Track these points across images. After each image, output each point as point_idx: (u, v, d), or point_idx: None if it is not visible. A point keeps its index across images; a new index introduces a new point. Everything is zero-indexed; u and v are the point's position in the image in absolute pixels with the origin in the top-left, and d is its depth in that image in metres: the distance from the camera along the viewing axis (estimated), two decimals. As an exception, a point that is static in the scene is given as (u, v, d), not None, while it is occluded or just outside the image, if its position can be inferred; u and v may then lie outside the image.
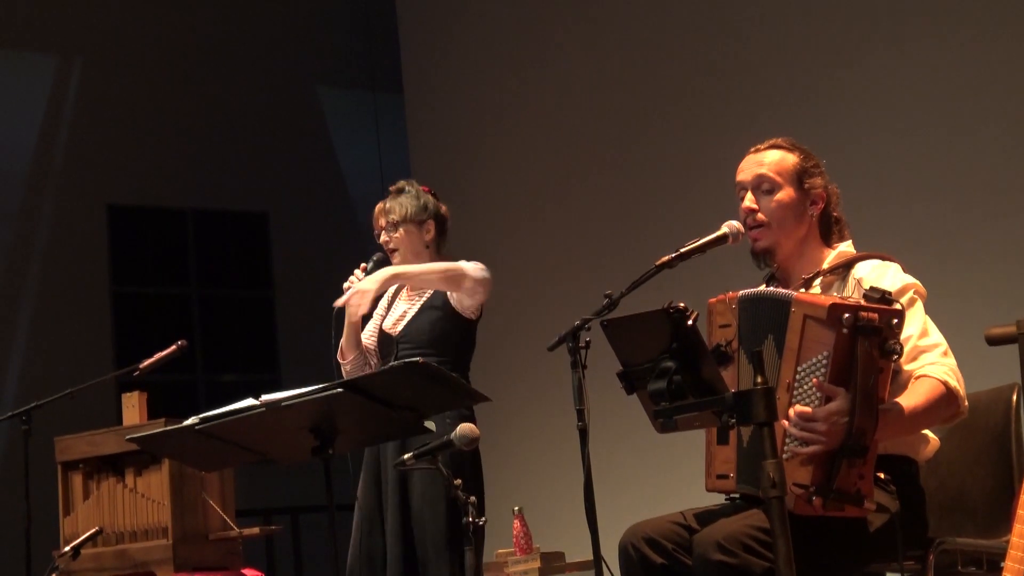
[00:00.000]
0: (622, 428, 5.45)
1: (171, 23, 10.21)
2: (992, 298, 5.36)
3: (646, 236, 6.75)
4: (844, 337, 2.70)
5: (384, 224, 4.29)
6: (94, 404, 7.29)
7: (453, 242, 4.51)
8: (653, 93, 7.06)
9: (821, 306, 2.74)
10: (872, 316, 2.71)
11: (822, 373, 2.73)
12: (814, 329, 2.74)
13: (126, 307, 9.94)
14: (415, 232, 4.27)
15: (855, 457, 2.71)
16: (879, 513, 2.85)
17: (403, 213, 4.26)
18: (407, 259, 4.25)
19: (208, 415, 3.65)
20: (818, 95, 6.17)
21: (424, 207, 4.29)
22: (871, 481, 2.76)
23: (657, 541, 2.95)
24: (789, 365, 2.77)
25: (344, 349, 4.32)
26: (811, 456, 2.71)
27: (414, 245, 4.26)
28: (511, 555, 5.18)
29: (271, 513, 9.16)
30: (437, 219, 4.31)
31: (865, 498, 2.74)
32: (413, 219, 4.26)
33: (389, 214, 4.27)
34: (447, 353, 4.13)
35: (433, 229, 4.29)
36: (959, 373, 2.87)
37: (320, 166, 10.73)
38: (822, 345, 2.73)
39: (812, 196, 3.07)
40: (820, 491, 2.71)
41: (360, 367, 4.33)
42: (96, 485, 5.09)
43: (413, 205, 4.27)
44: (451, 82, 8.46)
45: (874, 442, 2.74)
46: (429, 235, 4.28)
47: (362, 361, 4.34)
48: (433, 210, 4.31)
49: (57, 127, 9.76)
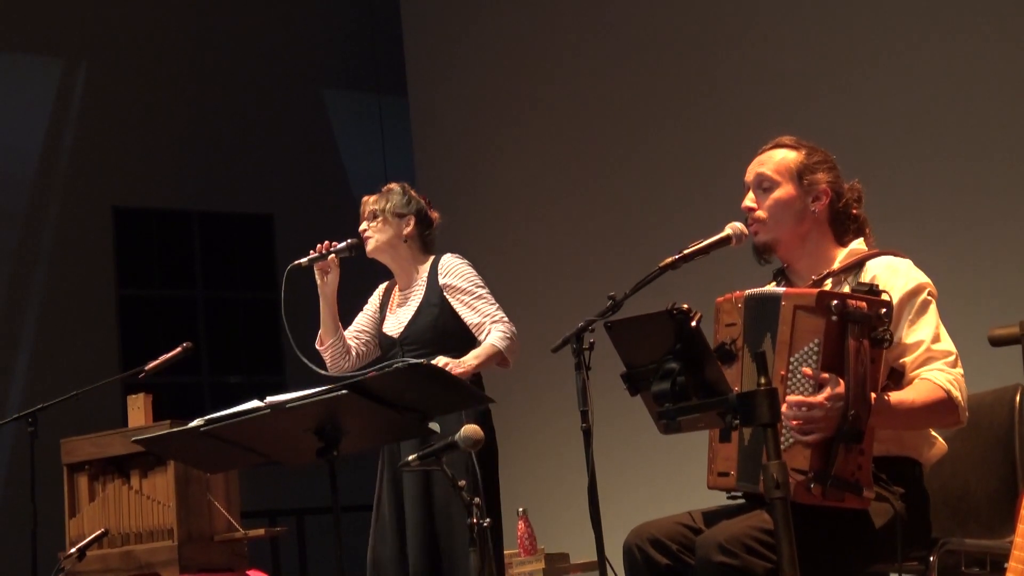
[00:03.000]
0: (626, 429, 5.46)
1: (176, 26, 10.22)
2: (996, 299, 5.36)
3: (650, 238, 6.76)
4: (834, 324, 2.72)
5: (365, 213, 4.37)
6: (100, 406, 7.30)
7: (457, 243, 4.53)
8: (658, 96, 7.07)
9: (809, 295, 2.78)
10: (860, 304, 2.74)
11: (814, 361, 2.75)
12: (804, 319, 2.77)
13: (132, 309, 9.95)
14: (394, 223, 4.33)
15: (851, 442, 2.72)
16: (881, 512, 2.86)
17: (384, 204, 4.34)
18: (381, 248, 4.33)
19: (213, 417, 3.66)
20: (825, 96, 6.17)
21: (407, 202, 4.36)
22: (869, 472, 2.77)
23: (662, 542, 2.95)
24: (782, 357, 2.78)
25: (322, 335, 4.37)
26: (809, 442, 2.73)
27: (390, 236, 4.33)
28: (515, 556, 5.19)
29: (276, 515, 9.15)
30: (419, 216, 4.36)
31: (864, 488, 2.75)
32: (393, 211, 4.33)
33: (372, 204, 4.36)
34: (452, 348, 4.16)
35: (413, 225, 4.34)
36: (963, 384, 2.88)
37: (325, 169, 10.74)
38: (812, 333, 2.75)
39: (814, 193, 3.07)
40: (819, 478, 2.72)
41: (340, 354, 4.37)
42: (102, 487, 5.10)
43: (397, 199, 4.35)
44: (455, 85, 8.47)
45: (870, 429, 2.76)
46: (408, 229, 4.34)
47: (342, 348, 4.38)
48: (416, 207, 4.36)
49: (63, 130, 9.78)
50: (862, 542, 2.87)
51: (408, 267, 4.37)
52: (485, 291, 4.27)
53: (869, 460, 2.78)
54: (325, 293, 4.34)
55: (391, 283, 4.48)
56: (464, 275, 4.28)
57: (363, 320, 4.48)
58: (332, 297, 4.35)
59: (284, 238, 10.48)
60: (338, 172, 10.84)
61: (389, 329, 4.34)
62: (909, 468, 2.96)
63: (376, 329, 4.43)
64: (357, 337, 4.45)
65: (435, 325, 4.23)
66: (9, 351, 9.34)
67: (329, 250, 4.29)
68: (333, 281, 4.33)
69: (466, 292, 4.23)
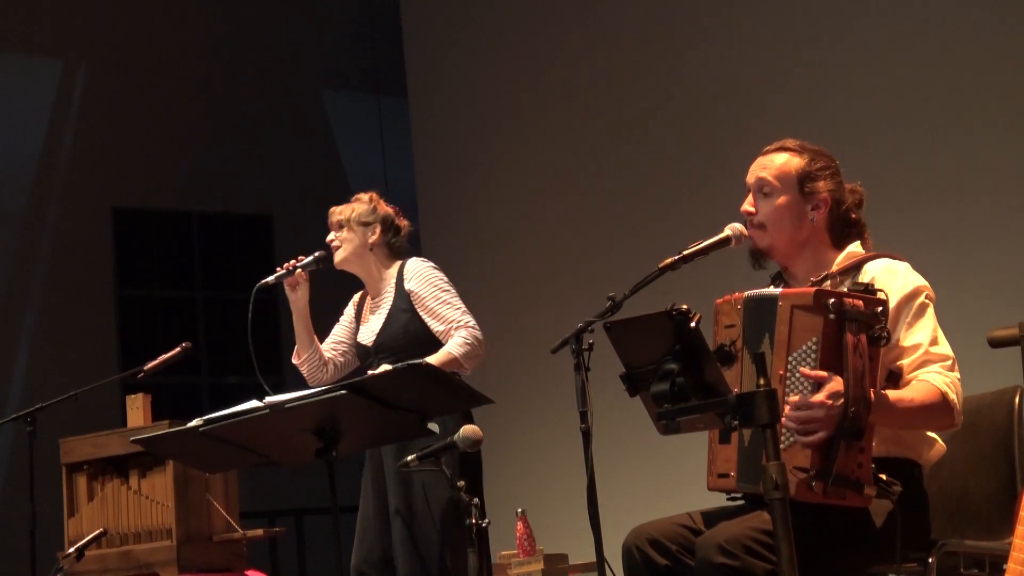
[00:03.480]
0: (625, 430, 5.46)
1: (175, 27, 10.23)
2: (995, 301, 5.36)
3: (649, 238, 6.76)
4: (831, 323, 2.72)
5: (332, 223, 4.39)
6: (99, 406, 7.30)
7: (457, 243, 4.53)
8: (657, 96, 7.07)
9: (806, 294, 2.78)
10: (857, 303, 2.74)
11: (812, 359, 2.75)
12: (801, 318, 2.77)
13: (131, 310, 9.95)
14: (360, 232, 4.35)
15: (852, 439, 2.72)
16: (881, 512, 2.86)
17: (349, 214, 4.37)
18: (349, 258, 4.35)
19: (212, 417, 3.66)
20: (825, 96, 6.17)
21: (373, 211, 4.38)
22: (869, 469, 2.78)
23: (661, 542, 2.95)
24: (780, 357, 2.78)
25: (298, 349, 4.39)
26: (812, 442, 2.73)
27: (356, 246, 4.35)
28: (514, 557, 5.18)
29: (275, 515, 9.16)
30: (385, 224, 4.38)
31: (865, 485, 2.76)
32: (359, 220, 4.35)
33: (338, 215, 4.39)
34: (427, 352, 4.15)
35: (379, 233, 4.36)
36: (959, 387, 2.88)
37: (324, 169, 10.74)
38: (810, 332, 2.76)
39: (814, 201, 3.07)
40: (820, 475, 2.72)
41: (318, 367, 4.38)
42: (100, 487, 5.10)
43: (362, 209, 4.38)
44: (455, 85, 8.47)
45: (870, 427, 2.76)
46: (374, 237, 4.36)
47: (319, 361, 4.39)
48: (382, 216, 4.38)
49: (62, 130, 9.78)
50: (862, 542, 2.87)
51: (377, 275, 4.39)
52: (449, 295, 4.25)
53: (869, 458, 2.78)
54: (297, 307, 4.36)
55: (364, 292, 4.49)
56: (428, 280, 4.27)
57: (339, 331, 4.50)
58: (304, 311, 4.36)
59: (283, 239, 10.47)
60: (338, 173, 10.84)
61: (363, 338, 4.37)
62: (908, 469, 2.96)
63: (352, 339, 4.45)
64: (334, 348, 4.47)
65: (406, 331, 4.24)
66: (8, 351, 9.34)
67: (296, 266, 4.30)
68: (304, 295, 4.35)
69: (430, 298, 4.23)
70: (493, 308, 7.85)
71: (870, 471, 2.78)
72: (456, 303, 4.23)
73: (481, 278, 7.84)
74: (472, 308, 4.27)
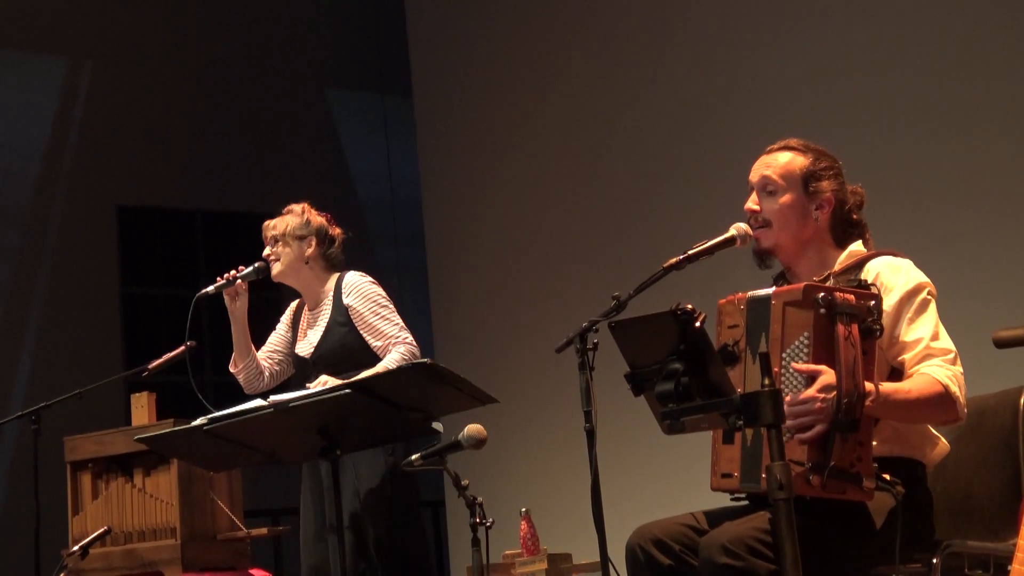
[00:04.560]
0: (630, 430, 5.46)
1: (180, 25, 10.23)
2: (1001, 301, 5.36)
3: (654, 238, 6.76)
4: (821, 317, 2.74)
5: (267, 238, 4.44)
6: (103, 404, 7.31)
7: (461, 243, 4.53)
8: (663, 96, 7.07)
9: (796, 290, 2.80)
10: (848, 297, 2.75)
11: (805, 355, 2.75)
12: (793, 314, 2.78)
13: (135, 308, 9.96)
14: (295, 246, 4.39)
15: (848, 431, 2.72)
16: (883, 512, 2.85)
17: (284, 228, 4.41)
18: (285, 272, 4.39)
19: (216, 416, 3.67)
20: (827, 96, 6.16)
21: (306, 223, 4.42)
22: (870, 463, 2.77)
23: (665, 542, 2.95)
24: (775, 354, 2.79)
25: (235, 357, 4.42)
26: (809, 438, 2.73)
27: (292, 259, 4.38)
28: (518, 556, 5.19)
29: (279, 513, 9.15)
30: (320, 236, 4.41)
31: (864, 478, 2.75)
32: (292, 234, 4.39)
33: (272, 229, 4.43)
34: (366, 366, 4.15)
35: (314, 245, 4.39)
36: (962, 381, 2.88)
37: (329, 168, 10.74)
38: (801, 328, 2.76)
39: (818, 200, 3.07)
40: (817, 468, 2.72)
41: (254, 376, 4.41)
42: (105, 485, 5.11)
43: (295, 222, 4.42)
44: (460, 85, 8.47)
45: (868, 419, 2.76)
46: (310, 251, 4.39)
47: (255, 370, 4.41)
48: (316, 228, 4.41)
49: (67, 129, 9.79)
50: (864, 542, 2.87)
51: (314, 288, 4.40)
52: (387, 310, 4.25)
53: (869, 451, 2.78)
54: (236, 317, 4.40)
55: (301, 301, 4.50)
56: (366, 295, 4.28)
57: (275, 340, 4.53)
58: (243, 320, 4.40)
59: (288, 237, 10.46)
60: (342, 172, 10.84)
61: (301, 350, 4.38)
62: (911, 469, 2.96)
63: (288, 348, 4.47)
64: (270, 357, 4.49)
65: (343, 344, 4.25)
66: (13, 349, 9.35)
67: (236, 276, 4.34)
68: (243, 305, 4.39)
69: (368, 313, 4.23)
70: (498, 307, 7.85)
71: (870, 465, 2.78)
72: (394, 319, 4.23)
73: (486, 277, 7.84)
74: (476, 307, 4.28)
